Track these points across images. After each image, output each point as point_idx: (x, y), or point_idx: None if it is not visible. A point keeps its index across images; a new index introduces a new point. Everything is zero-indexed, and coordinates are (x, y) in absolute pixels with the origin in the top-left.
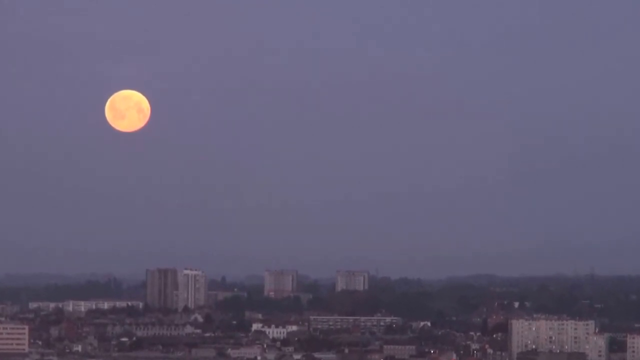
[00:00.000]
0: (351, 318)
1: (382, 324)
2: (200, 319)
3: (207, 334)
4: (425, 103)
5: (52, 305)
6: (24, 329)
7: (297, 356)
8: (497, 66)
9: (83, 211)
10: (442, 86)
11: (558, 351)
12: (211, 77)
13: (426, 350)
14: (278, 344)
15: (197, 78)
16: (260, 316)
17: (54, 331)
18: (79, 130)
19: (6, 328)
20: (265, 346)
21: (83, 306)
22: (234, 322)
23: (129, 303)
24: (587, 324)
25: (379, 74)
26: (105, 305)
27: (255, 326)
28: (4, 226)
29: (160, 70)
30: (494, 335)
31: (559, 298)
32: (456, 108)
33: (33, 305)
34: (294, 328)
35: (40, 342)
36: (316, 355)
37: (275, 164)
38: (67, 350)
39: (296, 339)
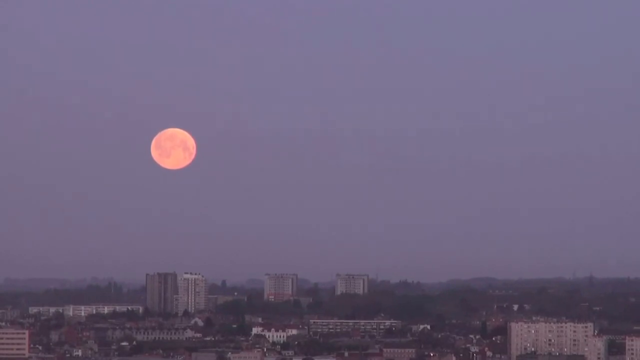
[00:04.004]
0: (351, 321)
1: (381, 327)
2: (200, 322)
3: (208, 338)
4: None
5: (52, 309)
6: (24, 333)
7: None
8: None
9: (84, 218)
10: None
11: (557, 354)
12: None
13: (426, 353)
14: (278, 347)
15: None
16: (260, 320)
17: (54, 336)
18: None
19: (6, 333)
20: (265, 350)
21: (83, 310)
22: (234, 325)
23: (129, 307)
24: (586, 327)
25: None
26: (106, 309)
27: (255, 330)
28: (5, 232)
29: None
30: (494, 338)
31: (558, 301)
32: None
33: (33, 309)
34: (294, 332)
35: (40, 347)
36: (316, 358)
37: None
38: (68, 355)
39: (296, 342)
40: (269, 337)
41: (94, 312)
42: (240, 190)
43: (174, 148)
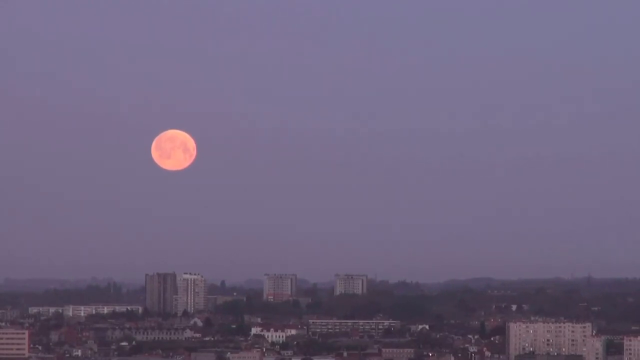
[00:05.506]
0: (350, 322)
1: (380, 327)
2: (199, 323)
3: (207, 338)
4: None
5: (52, 310)
6: (24, 333)
7: None
8: None
9: (84, 219)
10: None
11: (556, 354)
12: None
13: (424, 353)
14: (277, 347)
15: None
16: (259, 320)
17: (54, 336)
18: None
19: (6, 333)
20: (264, 350)
21: (83, 311)
22: (234, 326)
23: (129, 307)
24: (584, 327)
25: None
26: (105, 309)
27: (254, 330)
28: (5, 233)
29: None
30: (492, 338)
31: (556, 301)
32: None
33: (33, 310)
34: (293, 332)
35: (40, 347)
36: (315, 358)
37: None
38: (67, 355)
39: (295, 342)
40: (268, 337)
41: (94, 312)
42: (240, 191)
43: (174, 149)
